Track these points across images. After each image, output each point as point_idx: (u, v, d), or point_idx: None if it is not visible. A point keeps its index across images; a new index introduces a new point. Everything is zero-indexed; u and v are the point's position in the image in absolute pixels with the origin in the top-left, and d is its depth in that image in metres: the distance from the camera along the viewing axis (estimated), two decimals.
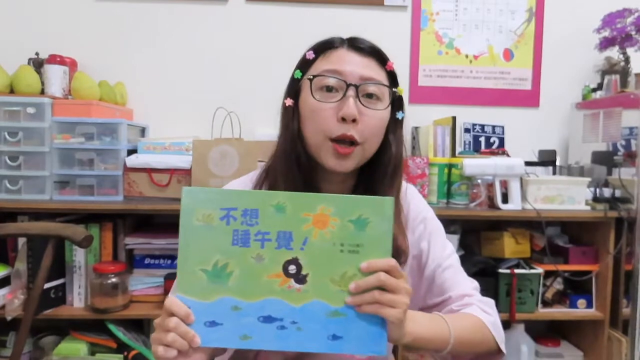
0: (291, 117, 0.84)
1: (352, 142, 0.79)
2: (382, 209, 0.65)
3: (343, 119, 0.77)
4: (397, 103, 0.85)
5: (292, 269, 0.64)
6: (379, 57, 0.83)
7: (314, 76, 0.80)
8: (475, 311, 0.83)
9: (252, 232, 0.64)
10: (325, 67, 0.80)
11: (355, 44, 0.82)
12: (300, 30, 2.13)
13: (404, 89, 0.86)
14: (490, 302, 0.88)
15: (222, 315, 0.64)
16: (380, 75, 0.82)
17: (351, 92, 0.78)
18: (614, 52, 2.13)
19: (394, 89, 0.83)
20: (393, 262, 0.65)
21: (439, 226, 0.95)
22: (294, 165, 0.82)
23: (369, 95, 0.80)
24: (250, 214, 0.64)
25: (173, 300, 0.64)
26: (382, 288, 0.64)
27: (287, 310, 0.64)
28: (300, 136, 0.83)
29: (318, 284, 0.64)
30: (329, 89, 0.79)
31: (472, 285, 0.90)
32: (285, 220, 0.64)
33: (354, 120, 0.78)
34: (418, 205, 0.94)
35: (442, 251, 0.90)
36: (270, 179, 0.85)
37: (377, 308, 0.63)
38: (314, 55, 0.83)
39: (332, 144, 0.79)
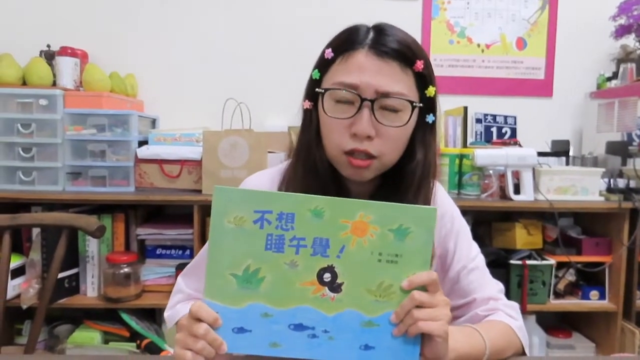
0: (309, 121, 0.80)
1: (368, 155, 0.75)
2: (424, 220, 0.62)
3: (356, 135, 0.73)
4: (426, 106, 0.78)
5: (327, 277, 0.62)
6: (405, 59, 0.74)
7: (326, 90, 0.75)
8: (501, 317, 0.82)
9: (287, 237, 0.62)
10: (341, 77, 0.74)
11: (377, 46, 0.73)
12: (310, 20, 2.12)
13: (435, 88, 0.78)
14: (515, 305, 0.86)
15: (252, 321, 0.62)
16: (403, 83, 0.74)
17: (365, 107, 0.73)
18: (630, 40, 2.09)
19: (424, 92, 0.76)
20: (434, 275, 0.62)
21: (465, 225, 0.91)
22: (310, 173, 0.79)
23: (389, 108, 0.74)
24: (286, 218, 0.62)
25: (201, 305, 0.62)
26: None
27: (319, 319, 0.62)
28: (319, 142, 0.79)
29: (353, 293, 0.62)
30: (344, 100, 0.74)
31: (497, 287, 0.88)
32: (323, 226, 0.62)
33: (368, 137, 0.73)
34: (444, 203, 0.89)
35: (468, 252, 0.87)
36: (291, 184, 0.82)
37: (419, 326, 0.61)
38: (332, 55, 0.76)
39: (347, 157, 0.75)
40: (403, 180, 0.80)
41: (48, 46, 1.99)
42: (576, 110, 2.26)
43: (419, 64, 0.74)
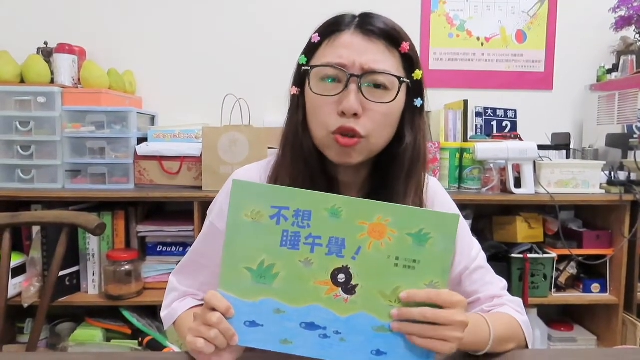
0: (296, 106, 0.79)
1: (355, 134, 0.73)
2: (446, 226, 0.61)
3: (344, 113, 0.72)
4: (414, 89, 0.77)
5: (342, 277, 0.61)
6: (391, 39, 0.74)
7: (313, 67, 0.75)
8: (509, 311, 0.82)
9: (302, 235, 0.61)
10: (327, 56, 0.74)
11: (363, 26, 0.74)
12: (309, 13, 2.10)
13: (422, 71, 0.77)
14: (519, 301, 0.86)
15: (264, 316, 0.62)
16: (390, 62, 0.74)
17: (353, 84, 0.72)
18: (630, 32, 2.08)
19: (411, 75, 0.76)
20: (435, 294, 0.60)
21: (464, 223, 0.89)
22: (298, 159, 0.78)
23: (376, 85, 0.73)
24: (302, 215, 0.61)
25: (214, 294, 0.62)
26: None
27: (331, 320, 0.62)
28: (306, 126, 0.78)
29: (367, 296, 0.61)
30: (331, 79, 0.73)
31: (500, 285, 0.87)
32: (339, 226, 0.61)
33: (355, 115, 0.72)
34: (443, 203, 0.89)
35: (469, 252, 0.86)
36: (279, 170, 0.81)
37: (426, 342, 0.60)
38: (319, 39, 0.76)
39: (334, 136, 0.73)
40: (392, 166, 0.78)
41: (45, 43, 1.98)
42: (576, 103, 2.25)
43: (405, 45, 0.75)
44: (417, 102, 0.78)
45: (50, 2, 2.09)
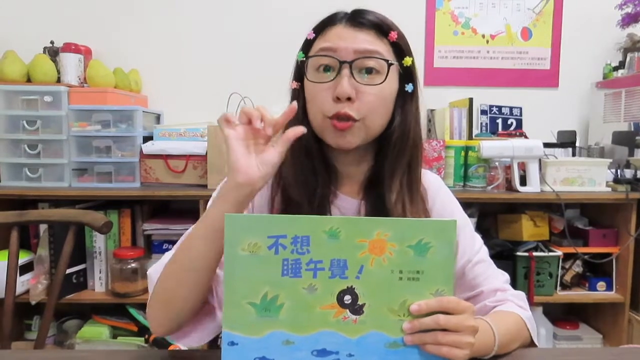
0: (296, 99, 0.82)
1: (350, 119, 0.76)
2: (445, 232, 0.61)
3: (338, 98, 0.75)
4: (405, 75, 0.80)
5: (348, 299, 0.61)
6: (380, 29, 0.78)
7: (308, 57, 0.79)
8: (511, 307, 0.82)
9: (303, 261, 0.60)
10: (320, 46, 0.78)
11: (354, 19, 0.78)
12: (314, 11, 2.10)
13: (413, 58, 0.80)
14: (522, 295, 0.86)
15: (273, 350, 0.61)
16: (380, 48, 0.77)
17: (345, 69, 0.75)
18: (636, 29, 2.07)
19: (401, 61, 0.79)
20: (446, 301, 0.61)
21: (466, 218, 0.91)
22: (300, 150, 0.80)
23: (368, 71, 0.76)
24: (301, 241, 0.60)
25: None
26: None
27: (342, 343, 0.61)
28: (306, 116, 0.81)
29: (376, 314, 0.61)
30: (325, 68, 0.77)
31: (503, 278, 0.88)
32: (339, 248, 0.60)
33: (349, 99, 0.75)
34: (444, 199, 0.90)
35: (471, 245, 0.87)
36: (282, 165, 0.80)
37: (439, 349, 0.61)
38: (314, 35, 0.81)
39: (331, 121, 0.76)
40: (386, 151, 0.81)
41: (52, 42, 1.99)
42: (582, 100, 2.24)
43: (394, 34, 0.78)
44: (408, 88, 0.81)
45: (57, 2, 2.10)
